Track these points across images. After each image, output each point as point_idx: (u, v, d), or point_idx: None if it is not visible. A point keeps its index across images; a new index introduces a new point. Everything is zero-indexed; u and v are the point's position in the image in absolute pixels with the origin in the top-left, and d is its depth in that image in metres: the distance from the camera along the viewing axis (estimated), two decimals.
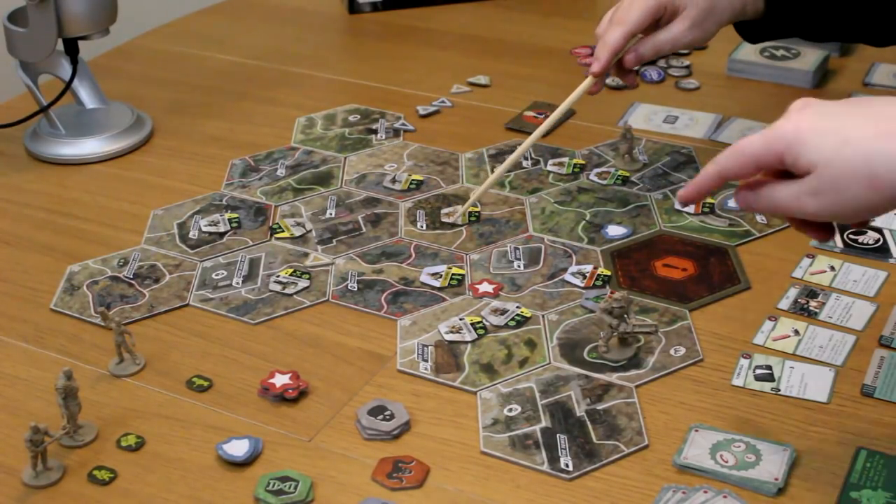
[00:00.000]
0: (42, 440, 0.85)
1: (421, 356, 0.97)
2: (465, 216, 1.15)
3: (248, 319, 1.03)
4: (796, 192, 0.78)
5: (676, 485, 0.83)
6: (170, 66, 1.56)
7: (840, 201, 0.77)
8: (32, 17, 1.28)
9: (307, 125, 1.37)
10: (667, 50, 1.15)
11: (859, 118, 0.77)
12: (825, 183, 0.77)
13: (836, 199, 0.77)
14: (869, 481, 0.83)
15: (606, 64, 1.13)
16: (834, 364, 0.95)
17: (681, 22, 1.13)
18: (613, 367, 0.95)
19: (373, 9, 1.71)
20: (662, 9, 1.13)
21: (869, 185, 0.75)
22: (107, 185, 1.27)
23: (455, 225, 1.15)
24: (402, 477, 0.85)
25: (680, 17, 1.13)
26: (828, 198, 0.77)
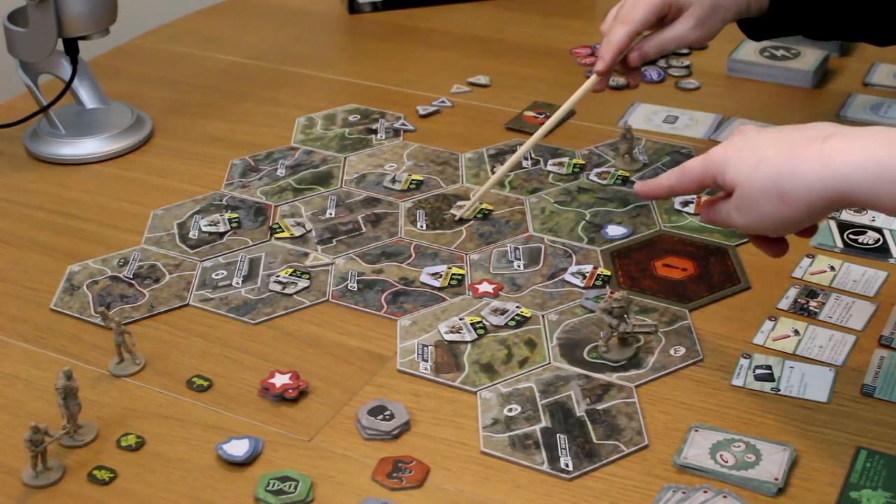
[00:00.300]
0: (42, 440, 0.85)
1: (421, 356, 0.97)
2: (472, 212, 1.15)
3: (248, 319, 1.03)
4: (726, 209, 0.87)
5: (676, 485, 0.83)
6: (170, 66, 1.56)
7: (759, 217, 0.84)
8: (32, 17, 1.28)
9: (307, 125, 1.37)
10: (671, 48, 1.15)
11: (779, 141, 0.84)
12: (745, 200, 0.84)
13: (756, 215, 0.84)
14: (869, 481, 0.83)
15: (611, 62, 1.13)
16: (834, 364, 0.95)
17: (685, 20, 1.13)
18: (613, 367, 0.95)
19: (373, 9, 1.71)
20: (667, 7, 1.13)
21: (780, 201, 0.82)
22: (107, 185, 1.27)
23: (457, 222, 1.15)
24: (401, 477, 0.85)
25: (684, 16, 1.13)
26: (749, 214, 0.84)
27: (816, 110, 1.35)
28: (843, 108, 1.35)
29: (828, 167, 0.80)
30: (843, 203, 0.80)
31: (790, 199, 0.81)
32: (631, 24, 1.13)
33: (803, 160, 0.81)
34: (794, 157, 0.81)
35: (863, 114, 1.33)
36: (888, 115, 1.33)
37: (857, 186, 0.79)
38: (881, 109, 1.34)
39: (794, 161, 0.81)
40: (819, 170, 0.80)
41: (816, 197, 0.80)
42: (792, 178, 0.81)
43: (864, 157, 0.79)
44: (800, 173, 0.81)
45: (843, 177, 0.79)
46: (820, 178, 0.80)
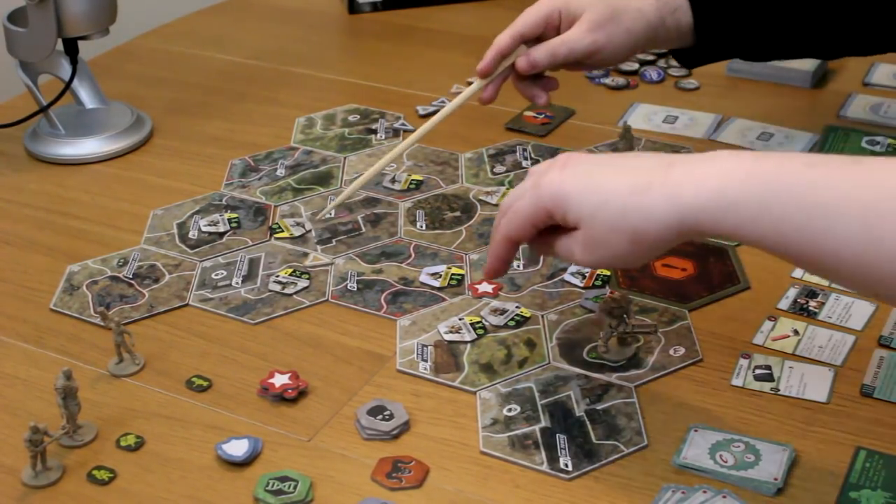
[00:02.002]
0: (41, 440, 0.85)
1: (420, 356, 0.97)
2: (335, 208, 1.14)
3: (248, 319, 1.03)
4: (568, 245, 0.83)
5: (676, 485, 0.83)
6: (170, 66, 1.56)
7: (607, 254, 0.82)
8: (32, 17, 1.28)
9: (307, 125, 1.37)
10: (562, 55, 1.09)
11: (616, 174, 0.81)
12: (591, 238, 0.82)
13: (603, 253, 0.82)
14: (868, 481, 0.83)
15: (490, 63, 1.10)
16: (833, 364, 0.95)
17: (578, 26, 1.09)
18: (613, 367, 0.95)
19: (373, 9, 1.71)
20: (556, 13, 1.10)
21: (630, 239, 0.80)
22: (107, 185, 1.27)
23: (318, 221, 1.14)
24: (401, 477, 0.85)
25: (578, 22, 1.09)
26: (596, 251, 0.82)
27: (816, 110, 1.35)
28: (842, 108, 1.35)
29: (673, 201, 0.78)
30: (692, 234, 0.79)
31: (642, 237, 0.80)
32: (514, 27, 1.10)
33: (649, 196, 0.79)
34: (640, 194, 0.79)
35: (863, 114, 1.33)
36: (888, 115, 1.33)
37: (702, 217, 0.77)
38: (881, 109, 1.34)
39: (640, 197, 0.79)
40: (666, 204, 0.78)
41: (667, 232, 0.79)
42: (641, 215, 0.79)
43: (707, 189, 0.77)
44: (648, 210, 0.79)
45: (688, 209, 0.78)
46: (669, 212, 0.78)
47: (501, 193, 1.19)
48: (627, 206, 0.80)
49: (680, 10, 1.11)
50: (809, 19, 1.13)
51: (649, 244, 0.80)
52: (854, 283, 0.76)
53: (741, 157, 0.78)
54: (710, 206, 0.77)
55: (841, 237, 0.72)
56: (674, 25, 1.11)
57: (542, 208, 0.83)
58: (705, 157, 0.80)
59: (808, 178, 0.74)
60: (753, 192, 0.75)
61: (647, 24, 1.10)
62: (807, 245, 0.74)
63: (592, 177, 0.82)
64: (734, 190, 0.76)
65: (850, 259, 0.72)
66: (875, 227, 0.71)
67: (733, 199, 0.76)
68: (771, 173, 0.75)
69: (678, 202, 0.78)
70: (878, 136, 1.28)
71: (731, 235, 0.78)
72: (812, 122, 1.32)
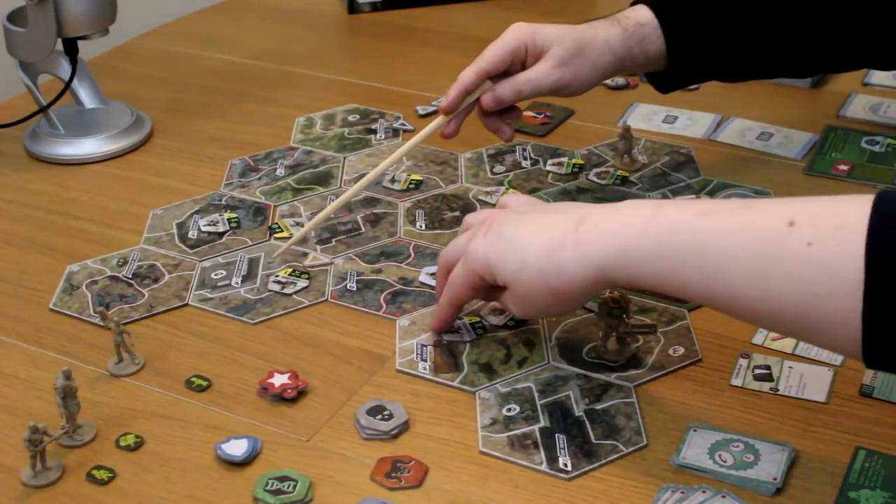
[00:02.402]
0: (41, 440, 0.85)
1: (420, 356, 0.97)
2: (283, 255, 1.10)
3: (247, 319, 1.03)
4: (504, 300, 0.92)
5: (675, 485, 0.83)
6: (170, 66, 1.56)
7: (535, 308, 0.91)
8: (32, 17, 1.28)
9: (306, 125, 1.37)
10: (528, 91, 1.08)
11: (532, 235, 0.88)
12: (518, 297, 0.89)
13: (531, 308, 0.90)
14: (867, 481, 0.83)
15: (454, 100, 1.09)
16: (832, 364, 0.95)
17: (544, 62, 1.08)
18: (612, 366, 0.95)
19: (373, 9, 1.71)
20: (522, 48, 1.08)
21: (551, 295, 0.87)
22: (106, 185, 1.27)
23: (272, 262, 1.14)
24: (400, 477, 0.85)
25: (544, 58, 1.08)
26: (526, 307, 0.90)
27: (816, 110, 1.35)
28: (842, 108, 1.35)
29: (584, 256, 0.84)
30: (607, 284, 0.85)
31: (560, 293, 0.86)
32: (479, 63, 1.09)
33: (562, 254, 0.85)
34: (553, 253, 0.85)
35: (862, 114, 1.33)
36: (888, 115, 1.33)
37: (610, 270, 0.83)
38: (881, 109, 1.34)
39: (554, 257, 0.85)
40: (577, 261, 0.84)
41: (584, 284, 0.85)
42: (557, 274, 0.85)
43: (612, 244, 0.83)
44: (563, 268, 0.85)
45: (598, 264, 0.83)
46: (581, 268, 0.84)
47: (501, 193, 1.19)
48: (543, 267, 0.86)
49: (647, 40, 1.10)
50: (782, 41, 1.12)
51: (569, 297, 0.87)
52: (754, 321, 0.82)
53: (642, 208, 0.84)
54: (615, 259, 0.83)
55: (733, 282, 0.77)
56: (640, 54, 1.11)
57: (474, 274, 0.91)
58: (612, 210, 0.86)
59: (699, 227, 0.79)
60: (650, 245, 0.81)
61: (614, 57, 1.10)
62: (705, 291, 0.79)
63: (511, 242, 0.88)
64: (633, 243, 0.82)
65: (743, 301, 0.77)
66: (760, 270, 0.75)
67: (633, 253, 0.82)
68: (665, 226, 0.81)
69: (588, 258, 0.84)
70: (877, 136, 1.28)
71: (640, 284, 0.83)
72: (812, 122, 1.32)
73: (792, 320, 0.76)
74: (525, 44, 1.09)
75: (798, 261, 0.74)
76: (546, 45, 1.09)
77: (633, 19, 1.11)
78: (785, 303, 0.75)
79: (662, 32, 1.10)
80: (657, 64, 1.13)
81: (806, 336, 0.79)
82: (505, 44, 1.09)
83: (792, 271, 0.74)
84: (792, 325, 0.77)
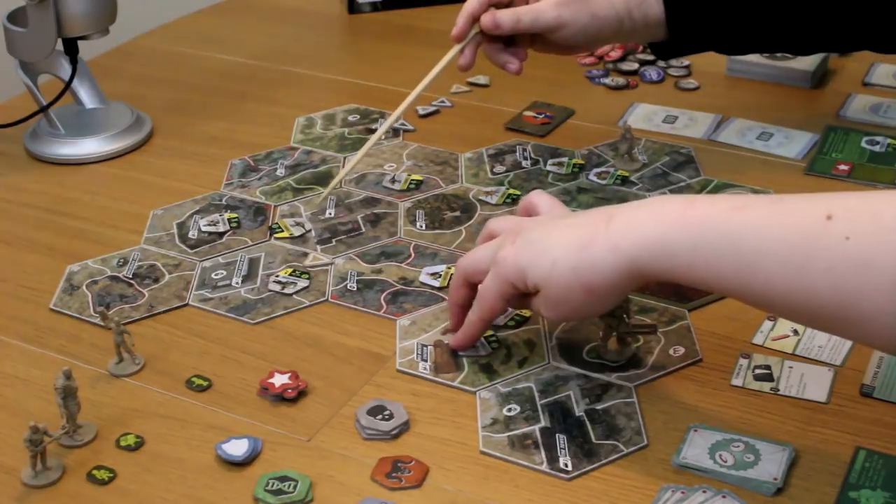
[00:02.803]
0: (41, 440, 0.85)
1: (420, 356, 0.97)
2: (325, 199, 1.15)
3: (248, 319, 1.03)
4: (536, 306, 0.90)
5: (675, 484, 0.83)
6: (170, 66, 1.56)
7: (568, 309, 0.88)
8: (32, 17, 1.28)
9: (307, 125, 1.37)
10: (527, 22, 1.12)
11: (561, 236, 0.87)
12: (550, 299, 0.87)
13: (564, 308, 0.88)
14: (868, 481, 0.83)
15: (463, 26, 1.13)
16: (833, 364, 0.95)
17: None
18: (612, 366, 0.95)
19: (373, 9, 1.71)
20: None
21: (586, 293, 0.86)
22: (106, 185, 1.27)
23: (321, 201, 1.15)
24: (401, 477, 0.85)
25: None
26: (558, 309, 0.88)
27: (816, 110, 1.35)
28: (842, 109, 1.35)
29: (616, 250, 0.83)
30: (641, 279, 0.84)
31: (595, 289, 0.85)
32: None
33: (594, 249, 0.84)
34: (584, 249, 0.85)
35: (862, 114, 1.33)
36: (888, 115, 1.33)
37: (643, 263, 0.83)
38: (881, 109, 1.34)
39: (585, 253, 0.85)
40: (610, 255, 0.84)
41: (616, 279, 0.84)
42: (590, 269, 0.84)
43: (644, 237, 0.82)
44: (596, 263, 0.84)
45: (631, 258, 0.83)
46: (613, 262, 0.84)
47: (501, 194, 1.19)
48: (575, 264, 0.85)
49: (646, 3, 1.14)
50: (782, 15, 1.14)
51: (603, 294, 0.86)
52: (788, 315, 0.82)
53: (673, 202, 0.84)
54: (649, 253, 0.82)
55: (769, 276, 0.77)
56: (640, 17, 1.13)
57: (506, 282, 0.89)
58: (641, 206, 0.85)
59: (734, 221, 0.79)
60: (684, 238, 0.80)
61: (614, 13, 1.13)
62: (740, 285, 0.79)
63: (540, 243, 0.88)
64: (666, 236, 0.81)
65: (779, 295, 0.77)
66: (797, 264, 0.75)
67: (667, 246, 0.81)
68: (698, 219, 0.80)
69: (619, 252, 0.83)
70: (877, 136, 1.28)
71: (673, 278, 0.82)
72: (812, 122, 1.32)
73: (828, 315, 0.76)
74: None
75: (835, 255, 0.74)
76: None
77: None
78: (822, 297, 0.75)
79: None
80: (657, 31, 1.15)
81: (842, 331, 0.79)
82: None
83: (829, 265, 0.74)
84: (828, 320, 0.77)
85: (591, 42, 1.16)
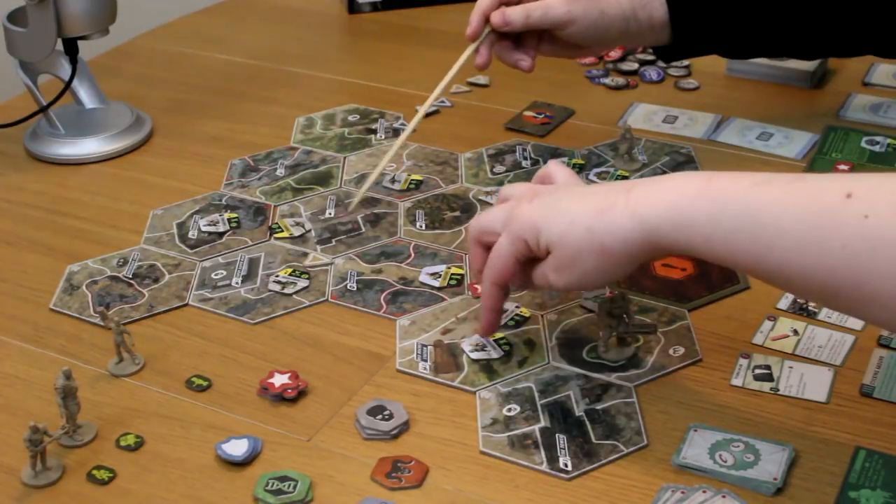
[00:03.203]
0: (41, 440, 0.85)
1: (420, 356, 0.97)
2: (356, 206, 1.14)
3: (248, 319, 1.03)
4: (543, 271, 0.88)
5: (675, 484, 0.83)
6: (170, 66, 1.56)
7: (578, 273, 0.86)
8: (32, 16, 1.28)
9: (306, 125, 1.37)
10: (536, 17, 1.12)
11: (581, 200, 0.86)
12: (562, 260, 0.86)
13: (574, 272, 0.86)
14: (868, 481, 0.83)
15: (477, 25, 1.13)
16: (833, 364, 0.95)
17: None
18: (612, 366, 0.95)
19: (373, 9, 1.71)
20: None
21: (597, 256, 0.84)
22: (106, 184, 1.27)
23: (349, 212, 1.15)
24: (401, 477, 0.85)
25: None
26: (568, 272, 0.86)
27: (816, 110, 1.35)
28: (842, 109, 1.35)
29: (635, 217, 0.83)
30: (655, 250, 0.83)
31: (609, 252, 0.84)
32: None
33: (613, 213, 0.84)
34: (604, 212, 0.84)
35: (862, 114, 1.33)
36: (888, 115, 1.33)
37: (661, 233, 0.82)
38: (881, 109, 1.34)
39: (605, 215, 0.84)
40: (628, 221, 0.83)
41: (632, 247, 0.83)
42: (607, 232, 0.84)
43: (665, 206, 0.82)
44: (614, 226, 0.83)
45: (649, 226, 0.82)
46: (632, 228, 0.83)
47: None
48: (593, 225, 0.84)
49: (651, 5, 1.14)
50: (785, 20, 1.14)
51: (615, 260, 0.84)
52: (804, 293, 0.82)
53: (695, 177, 0.83)
54: (668, 222, 0.81)
55: (786, 253, 0.76)
56: (645, 19, 1.14)
57: (519, 239, 0.88)
58: (663, 178, 0.85)
59: (754, 196, 0.79)
60: (704, 210, 0.80)
61: (621, 11, 1.13)
62: (756, 260, 0.79)
63: (558, 204, 0.87)
64: (687, 207, 0.81)
65: (795, 273, 0.76)
66: (815, 241, 0.75)
67: (687, 216, 0.80)
68: (720, 192, 0.80)
69: (638, 219, 0.82)
70: (877, 136, 1.28)
71: (690, 251, 0.82)
72: (812, 122, 1.32)
73: (844, 293, 0.75)
74: None
75: (853, 233, 0.73)
76: None
77: None
78: (838, 274, 0.74)
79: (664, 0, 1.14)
80: (661, 34, 1.16)
81: (857, 310, 0.79)
82: None
83: (847, 243, 0.74)
84: (844, 299, 0.76)
85: (599, 41, 1.16)
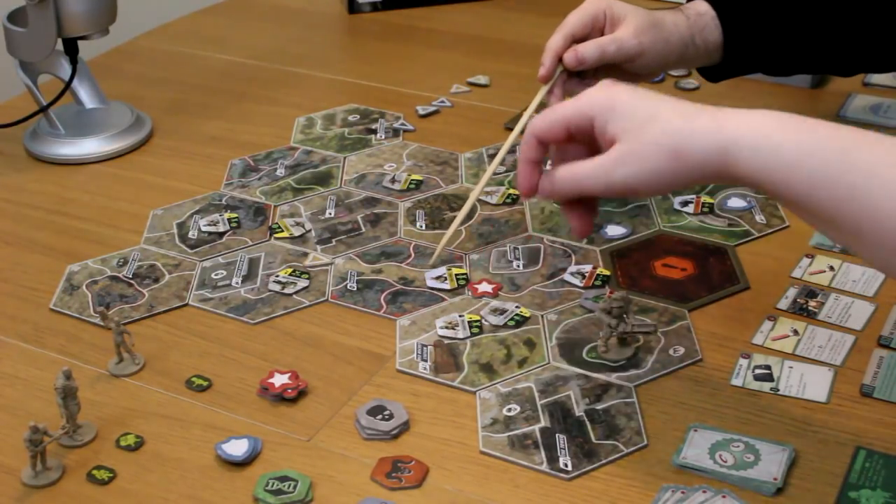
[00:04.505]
0: (41, 440, 0.85)
1: (420, 356, 0.97)
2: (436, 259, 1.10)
3: (248, 319, 1.03)
4: (601, 162, 0.83)
5: (675, 485, 0.83)
6: (170, 66, 1.56)
7: (643, 171, 0.81)
8: (32, 16, 1.28)
9: (307, 125, 1.37)
10: (612, 51, 1.10)
11: (666, 101, 0.83)
12: (631, 153, 0.81)
13: (638, 167, 0.81)
14: (868, 481, 0.83)
15: (550, 66, 1.11)
16: (833, 364, 0.95)
17: (625, 27, 1.11)
18: (613, 366, 0.95)
19: (373, 9, 1.71)
20: (601, 15, 1.11)
21: (670, 156, 0.80)
22: (106, 185, 1.27)
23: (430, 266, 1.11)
24: (401, 477, 0.85)
25: (624, 24, 1.11)
26: (632, 167, 0.81)
27: (816, 110, 1.35)
28: (842, 108, 1.35)
29: (722, 130, 0.80)
30: (729, 172, 0.80)
31: (683, 156, 0.80)
32: (564, 28, 1.11)
33: (698, 120, 0.81)
34: (689, 117, 0.81)
35: (863, 114, 1.33)
36: (888, 115, 1.33)
37: (743, 153, 0.78)
38: (881, 109, 1.34)
39: (689, 120, 0.81)
40: (713, 131, 0.80)
41: (708, 158, 0.80)
42: (688, 136, 0.80)
43: (752, 125, 0.80)
44: (695, 133, 0.80)
45: (732, 141, 0.79)
46: (713, 139, 0.79)
47: (501, 194, 1.19)
48: (675, 124, 0.81)
49: (707, 30, 1.13)
50: (831, 38, 1.15)
51: (683, 166, 0.80)
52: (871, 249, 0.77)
53: (791, 115, 0.80)
54: (753, 143, 0.78)
55: (871, 197, 0.74)
56: (702, 43, 1.13)
57: (583, 113, 0.84)
58: (756, 111, 0.82)
59: (850, 138, 0.77)
60: (796, 139, 0.77)
61: (680, 39, 1.12)
62: (835, 202, 0.76)
63: (646, 97, 0.83)
64: (779, 132, 0.78)
65: (872, 222, 0.74)
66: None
67: (777, 141, 0.78)
68: (815, 128, 0.78)
69: (725, 131, 0.79)
70: None
71: (765, 181, 0.78)
72: None
73: None
74: (603, 11, 1.11)
75: None
76: (623, 14, 1.11)
77: (693, 9, 1.14)
78: None
79: (720, 23, 1.13)
80: (714, 55, 1.15)
81: None
82: (585, 10, 1.12)
83: None
84: None
85: (660, 69, 1.15)
